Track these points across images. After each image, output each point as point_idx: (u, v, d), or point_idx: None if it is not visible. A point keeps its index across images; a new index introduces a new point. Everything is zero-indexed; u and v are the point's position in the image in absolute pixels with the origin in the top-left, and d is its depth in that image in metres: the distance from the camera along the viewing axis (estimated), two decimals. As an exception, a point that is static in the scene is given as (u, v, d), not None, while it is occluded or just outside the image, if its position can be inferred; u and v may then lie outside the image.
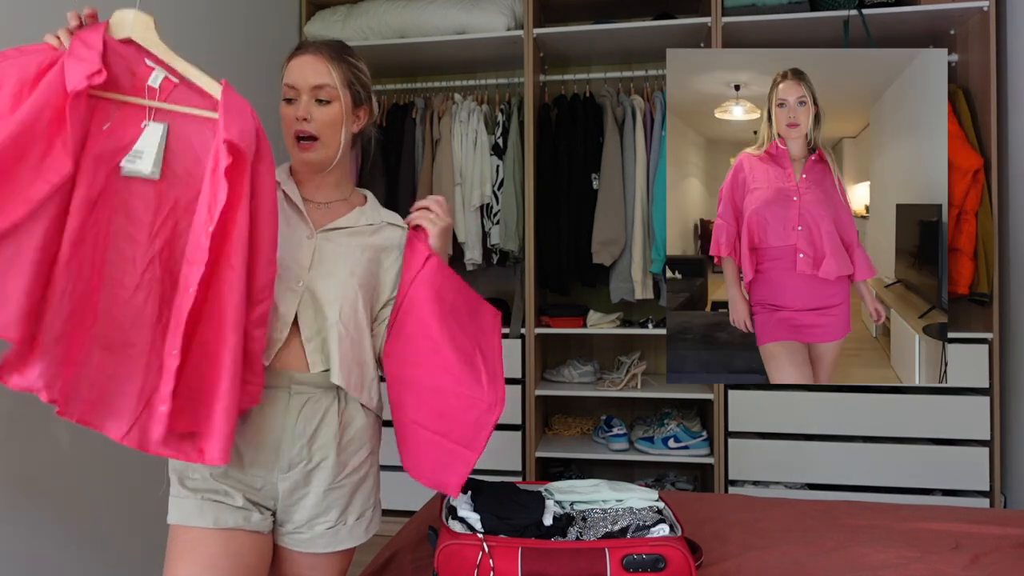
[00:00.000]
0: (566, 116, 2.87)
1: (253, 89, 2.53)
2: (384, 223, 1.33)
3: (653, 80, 2.99)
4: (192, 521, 1.12)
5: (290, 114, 1.24)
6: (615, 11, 3.03)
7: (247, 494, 1.16)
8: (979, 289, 2.45)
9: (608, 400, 3.10)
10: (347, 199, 1.34)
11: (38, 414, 1.65)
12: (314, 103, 1.23)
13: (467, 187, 2.90)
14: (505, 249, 2.85)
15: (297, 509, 1.20)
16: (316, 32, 2.97)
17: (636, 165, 2.74)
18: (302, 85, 1.23)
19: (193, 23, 2.24)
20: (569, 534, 1.26)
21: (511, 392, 2.78)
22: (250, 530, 1.15)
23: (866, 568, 1.37)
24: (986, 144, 2.49)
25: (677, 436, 2.69)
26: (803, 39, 2.80)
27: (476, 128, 2.91)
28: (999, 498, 2.46)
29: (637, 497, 1.37)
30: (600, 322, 2.83)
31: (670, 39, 2.83)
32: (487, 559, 1.17)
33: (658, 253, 2.64)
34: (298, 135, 1.23)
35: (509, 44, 2.85)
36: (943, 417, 2.48)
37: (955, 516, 1.67)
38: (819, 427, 2.56)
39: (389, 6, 2.90)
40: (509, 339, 2.79)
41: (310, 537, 1.21)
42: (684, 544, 1.20)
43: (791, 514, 1.69)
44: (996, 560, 1.40)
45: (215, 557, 1.10)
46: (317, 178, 1.29)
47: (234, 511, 1.14)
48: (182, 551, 1.11)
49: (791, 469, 2.58)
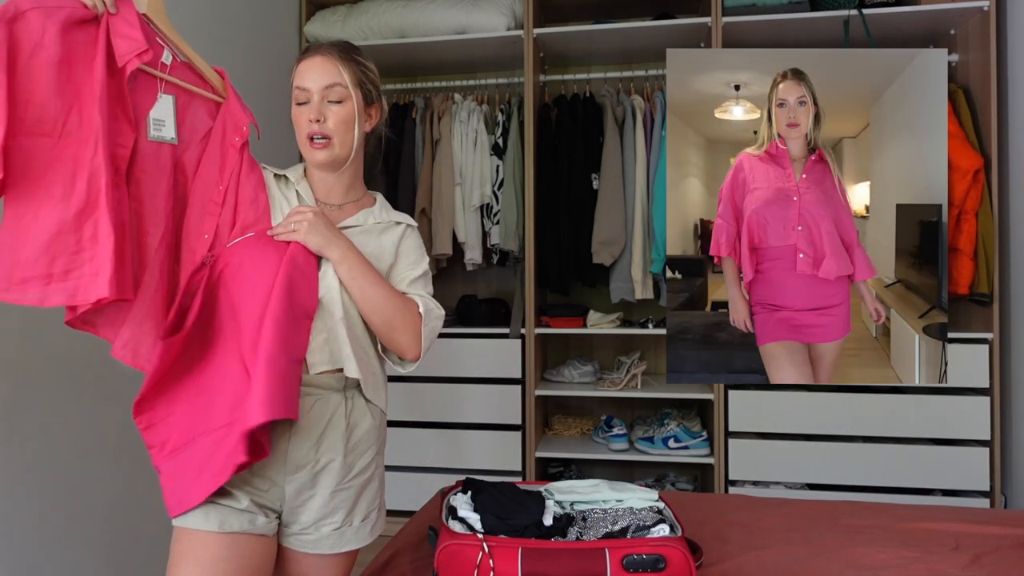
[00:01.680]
0: (566, 116, 2.87)
1: (254, 87, 2.55)
2: (392, 223, 1.33)
3: (653, 80, 3.00)
4: (197, 524, 1.11)
5: (303, 116, 1.24)
6: (615, 11, 3.04)
7: (253, 496, 1.15)
8: (979, 289, 2.45)
9: (608, 400, 3.10)
10: (358, 200, 1.34)
11: (38, 414, 1.65)
12: (326, 103, 1.23)
13: (467, 187, 2.90)
14: (505, 249, 2.85)
15: (303, 511, 1.20)
16: (316, 32, 2.97)
17: (636, 165, 2.74)
18: (314, 87, 1.23)
19: (193, 23, 2.24)
20: (569, 534, 1.26)
21: (511, 392, 2.78)
22: (255, 533, 1.14)
23: (866, 568, 1.37)
24: (986, 144, 2.49)
25: (677, 436, 2.69)
26: (803, 39, 2.80)
27: (476, 128, 2.92)
28: (999, 498, 2.46)
29: (637, 497, 1.37)
30: (600, 322, 2.83)
31: (670, 39, 2.83)
32: (487, 559, 1.17)
33: (658, 253, 2.64)
34: (312, 136, 1.23)
35: (509, 44, 2.85)
36: (943, 417, 2.48)
37: (955, 516, 1.67)
38: (819, 427, 2.56)
39: (389, 6, 2.90)
40: (509, 339, 2.79)
41: (316, 538, 1.21)
42: (684, 544, 1.20)
43: (791, 514, 1.69)
44: (996, 560, 1.40)
45: (219, 561, 1.10)
46: (330, 179, 1.30)
47: (239, 514, 1.13)
48: (186, 554, 1.11)
49: (791, 469, 2.58)
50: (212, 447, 1.10)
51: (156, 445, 1.15)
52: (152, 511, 1.90)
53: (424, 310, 1.26)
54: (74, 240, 1.03)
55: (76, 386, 1.75)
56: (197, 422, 1.13)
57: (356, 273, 1.20)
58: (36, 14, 1.02)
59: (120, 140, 1.10)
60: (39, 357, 1.65)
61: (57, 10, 1.04)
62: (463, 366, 2.84)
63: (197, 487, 1.10)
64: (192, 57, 1.23)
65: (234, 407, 1.10)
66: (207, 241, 1.20)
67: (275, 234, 1.20)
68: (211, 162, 1.23)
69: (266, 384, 1.07)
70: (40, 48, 1.01)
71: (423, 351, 1.27)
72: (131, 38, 1.09)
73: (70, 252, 1.03)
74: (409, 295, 1.27)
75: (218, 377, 1.14)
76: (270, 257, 1.17)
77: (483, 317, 2.94)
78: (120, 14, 1.10)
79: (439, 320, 1.30)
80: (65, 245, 1.03)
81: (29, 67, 1.01)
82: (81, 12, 1.06)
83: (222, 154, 1.24)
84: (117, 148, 1.09)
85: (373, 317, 1.22)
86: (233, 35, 2.47)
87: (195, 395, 1.15)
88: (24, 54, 1.00)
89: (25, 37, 1.00)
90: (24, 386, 1.61)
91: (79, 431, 1.77)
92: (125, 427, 1.86)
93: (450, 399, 2.83)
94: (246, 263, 1.17)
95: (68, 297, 1.04)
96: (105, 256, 1.03)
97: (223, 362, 1.14)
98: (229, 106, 1.26)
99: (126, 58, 1.08)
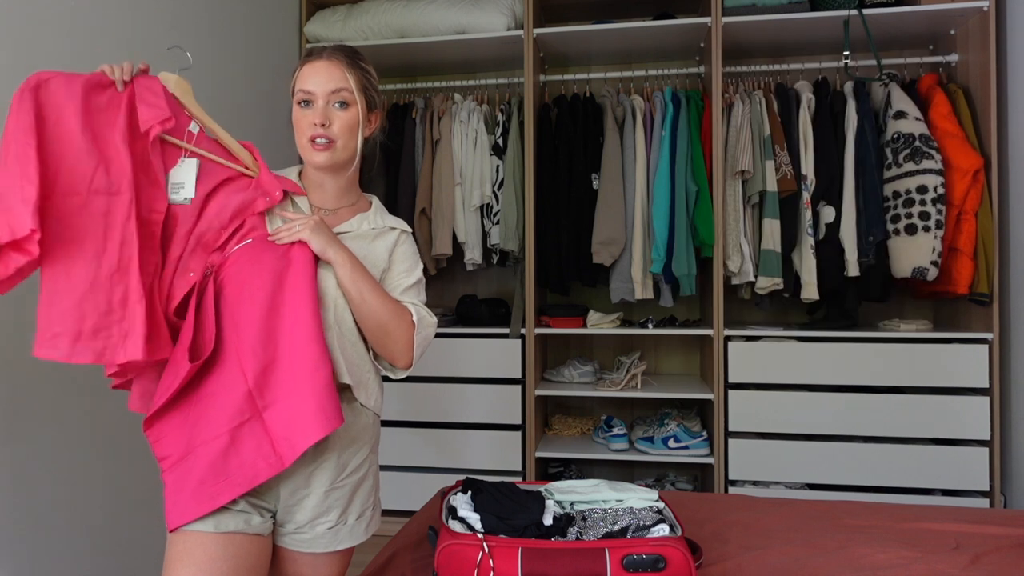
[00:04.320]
0: (566, 116, 2.87)
1: (254, 87, 2.55)
2: (387, 228, 1.33)
3: (653, 80, 3.00)
4: (192, 525, 1.11)
5: (305, 118, 1.24)
6: (615, 11, 3.04)
7: (247, 497, 1.15)
8: (979, 289, 2.45)
9: (608, 400, 3.10)
10: (353, 205, 1.34)
11: (38, 414, 1.65)
12: (332, 107, 1.24)
13: (467, 187, 2.90)
14: (505, 249, 2.85)
15: (298, 510, 1.20)
16: (316, 32, 2.97)
17: (636, 165, 2.74)
18: (319, 90, 1.23)
19: (194, 23, 2.24)
20: (569, 534, 1.26)
21: (511, 391, 2.78)
22: (251, 533, 1.15)
23: (866, 568, 1.37)
24: (986, 144, 2.49)
25: (677, 436, 2.69)
26: (803, 39, 2.80)
27: (476, 128, 2.92)
28: (999, 498, 2.46)
29: (637, 497, 1.37)
30: (600, 322, 2.83)
31: (670, 39, 2.84)
32: (487, 559, 1.17)
33: (658, 253, 2.64)
34: (314, 138, 1.23)
35: (509, 44, 2.85)
36: (943, 417, 2.48)
37: (955, 516, 1.67)
38: (819, 427, 2.56)
39: (389, 6, 2.90)
40: (509, 339, 2.79)
41: (311, 537, 1.21)
42: (684, 544, 1.20)
43: (791, 514, 1.69)
44: (996, 560, 1.40)
45: (215, 561, 1.10)
46: (328, 182, 1.30)
47: (235, 515, 1.13)
48: (181, 555, 1.11)
49: (791, 469, 2.57)
50: (214, 457, 1.11)
51: (163, 458, 1.15)
52: (150, 511, 1.90)
53: (417, 318, 1.26)
54: (104, 301, 1.08)
55: (76, 386, 1.75)
56: (195, 431, 1.13)
57: (355, 276, 1.20)
58: (59, 80, 1.09)
59: (154, 206, 1.15)
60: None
61: (78, 76, 1.11)
62: (463, 366, 2.84)
63: (197, 499, 1.10)
64: (221, 135, 1.25)
65: (234, 416, 1.11)
66: (192, 279, 1.19)
67: (277, 237, 1.20)
68: (223, 210, 1.22)
69: (318, 399, 1.10)
70: (65, 112, 1.08)
71: (415, 359, 1.27)
72: (155, 106, 1.14)
73: (100, 312, 1.07)
74: (403, 303, 1.27)
75: (216, 385, 1.14)
76: (268, 265, 1.17)
77: (483, 317, 2.94)
78: (145, 84, 1.16)
79: (432, 329, 1.30)
80: (95, 305, 1.07)
81: (57, 130, 1.07)
82: (99, 78, 1.13)
83: (240, 212, 1.23)
84: (152, 214, 1.15)
85: (368, 322, 1.22)
86: (233, 35, 2.47)
87: (194, 404, 1.15)
88: (51, 118, 1.07)
89: (50, 102, 1.07)
90: (24, 386, 1.61)
91: (79, 431, 1.77)
92: (124, 427, 1.86)
93: (450, 399, 2.83)
94: (244, 270, 1.17)
95: (96, 356, 1.08)
96: (136, 319, 1.08)
97: (221, 370, 1.14)
98: (261, 179, 1.26)
99: (149, 123, 1.13)
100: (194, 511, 1.10)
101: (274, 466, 1.11)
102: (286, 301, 1.15)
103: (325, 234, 1.20)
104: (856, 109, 2.61)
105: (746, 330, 2.69)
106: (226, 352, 1.14)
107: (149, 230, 1.14)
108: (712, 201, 2.64)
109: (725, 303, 2.72)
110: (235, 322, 1.14)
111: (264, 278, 1.15)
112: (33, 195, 1.00)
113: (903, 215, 2.50)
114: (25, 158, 1.02)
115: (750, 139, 2.61)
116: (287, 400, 1.12)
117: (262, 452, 1.11)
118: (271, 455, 1.11)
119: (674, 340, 3.11)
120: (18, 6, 1.60)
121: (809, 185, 2.63)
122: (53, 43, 1.70)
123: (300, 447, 1.11)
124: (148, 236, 1.13)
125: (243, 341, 1.13)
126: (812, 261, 2.60)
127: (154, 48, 2.00)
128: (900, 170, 2.52)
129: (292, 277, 1.17)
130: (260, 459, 1.11)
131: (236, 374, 1.12)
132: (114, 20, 1.89)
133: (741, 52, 2.92)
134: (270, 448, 1.11)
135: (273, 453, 1.11)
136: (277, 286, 1.16)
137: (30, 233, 1.00)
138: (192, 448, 1.12)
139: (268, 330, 1.13)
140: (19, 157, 1.02)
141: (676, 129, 2.70)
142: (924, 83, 2.64)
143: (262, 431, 1.12)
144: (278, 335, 1.14)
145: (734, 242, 2.63)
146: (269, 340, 1.13)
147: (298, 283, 1.16)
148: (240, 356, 1.13)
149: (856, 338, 2.59)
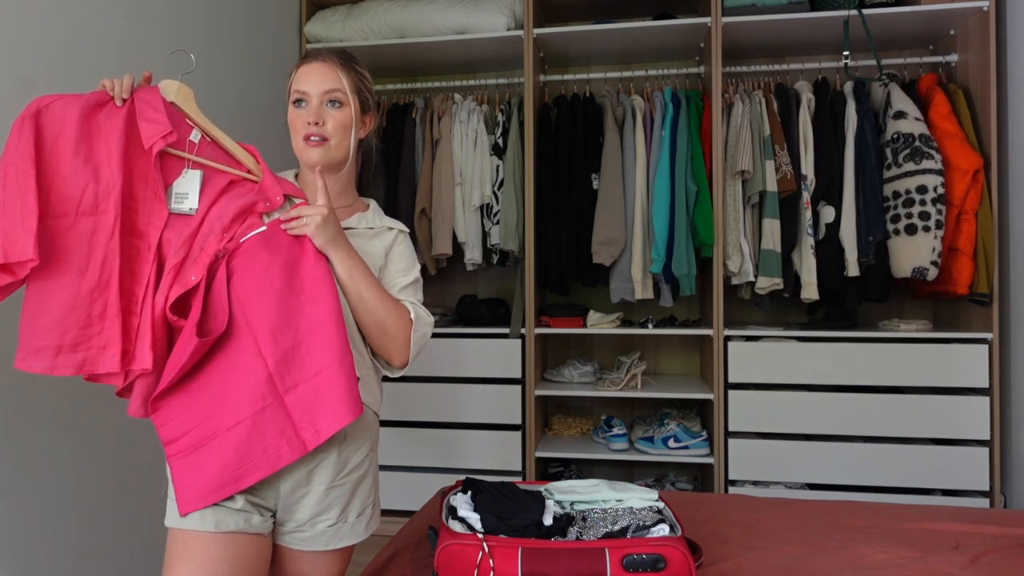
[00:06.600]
0: (566, 116, 2.87)
1: (254, 88, 2.55)
2: (384, 228, 1.34)
3: (653, 80, 3.00)
4: (192, 525, 1.11)
5: (300, 118, 1.26)
6: (615, 11, 3.04)
7: (247, 495, 1.15)
8: (979, 289, 2.45)
9: (608, 400, 3.10)
10: (350, 206, 1.35)
11: (38, 414, 1.65)
12: (325, 106, 1.26)
13: (467, 187, 2.90)
14: (505, 249, 2.85)
15: (298, 508, 1.20)
16: (316, 32, 2.97)
17: (636, 165, 2.74)
18: (313, 91, 1.25)
19: (193, 23, 2.24)
20: (569, 534, 1.26)
21: (511, 391, 2.78)
22: (251, 532, 1.15)
23: (866, 568, 1.37)
24: (986, 144, 2.49)
25: (677, 436, 2.69)
26: (803, 39, 2.80)
27: (476, 128, 2.92)
28: (999, 498, 2.46)
29: (637, 497, 1.37)
30: (600, 322, 2.83)
31: (670, 39, 2.84)
32: (487, 559, 1.17)
33: (658, 253, 2.64)
34: (308, 136, 1.25)
35: (509, 44, 2.85)
36: (943, 417, 2.48)
37: (955, 516, 1.67)
38: (819, 427, 2.56)
39: (389, 6, 2.90)
40: (509, 339, 2.79)
41: (312, 535, 1.21)
42: (684, 544, 1.20)
43: (791, 514, 1.69)
44: (996, 560, 1.40)
45: (215, 560, 1.10)
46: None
47: (234, 514, 1.13)
48: (181, 554, 1.11)
49: (791, 469, 2.58)
50: (237, 442, 1.11)
51: (170, 441, 1.14)
52: (150, 511, 1.90)
53: (415, 316, 1.26)
54: (85, 315, 1.11)
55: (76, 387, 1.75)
56: (211, 416, 1.13)
57: (355, 272, 1.20)
58: (59, 104, 1.11)
59: (152, 219, 1.17)
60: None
61: (78, 98, 1.13)
62: (463, 366, 2.84)
63: (220, 481, 1.11)
64: (223, 140, 1.26)
65: (256, 400, 1.11)
66: (192, 283, 1.18)
67: (288, 227, 1.20)
68: (224, 213, 1.21)
69: (345, 385, 1.11)
70: (61, 136, 1.10)
71: (411, 358, 1.28)
72: (156, 121, 1.16)
73: (80, 326, 1.11)
74: (401, 301, 1.28)
75: (232, 371, 1.13)
76: (282, 251, 1.17)
77: (483, 317, 2.94)
78: (145, 99, 1.18)
79: (429, 328, 1.30)
80: (76, 319, 1.10)
81: (53, 154, 1.10)
82: (99, 96, 1.15)
83: (240, 215, 1.23)
84: (149, 227, 1.17)
85: (366, 319, 1.22)
86: (233, 34, 2.47)
87: (207, 390, 1.14)
88: (48, 143, 1.10)
89: (51, 127, 1.10)
90: (24, 387, 1.61)
91: (79, 431, 1.77)
92: (124, 427, 1.86)
93: (450, 399, 2.83)
94: (259, 257, 1.17)
95: (76, 368, 1.11)
96: (113, 332, 1.11)
97: (236, 354, 1.13)
98: (264, 184, 1.26)
99: (151, 140, 1.15)
100: (214, 494, 1.10)
101: (296, 450, 1.12)
102: (305, 288, 1.16)
103: (330, 231, 1.20)
104: (856, 109, 2.61)
105: (746, 330, 2.69)
106: (240, 336, 1.13)
107: (144, 242, 1.16)
108: (712, 201, 2.64)
109: (725, 303, 2.72)
110: (250, 307, 1.14)
111: (279, 264, 1.16)
112: (34, 225, 1.04)
113: (903, 215, 2.50)
114: (26, 188, 1.05)
115: (750, 139, 2.62)
116: (310, 384, 1.12)
117: (285, 436, 1.12)
118: (294, 439, 1.12)
119: (674, 340, 3.11)
120: (18, 7, 1.60)
121: (809, 185, 2.63)
122: (53, 44, 1.70)
123: (326, 431, 1.11)
124: (144, 249, 1.16)
125: (261, 325, 1.12)
126: (812, 261, 2.60)
127: (154, 49, 2.01)
128: (900, 170, 2.52)
129: (307, 264, 1.17)
130: (283, 443, 1.11)
131: (253, 358, 1.12)
132: (114, 21, 1.89)
133: (741, 52, 2.92)
134: (293, 432, 1.12)
135: (296, 437, 1.12)
136: (293, 272, 1.16)
137: (27, 260, 1.04)
138: (214, 433, 1.12)
139: (288, 315, 1.13)
140: (20, 186, 1.05)
141: (676, 129, 2.70)
142: (924, 83, 2.65)
143: (284, 415, 1.12)
144: (298, 320, 1.14)
145: (734, 242, 2.63)
146: (289, 325, 1.13)
147: (315, 270, 1.17)
148: (258, 340, 1.12)
149: (856, 338, 2.59)
